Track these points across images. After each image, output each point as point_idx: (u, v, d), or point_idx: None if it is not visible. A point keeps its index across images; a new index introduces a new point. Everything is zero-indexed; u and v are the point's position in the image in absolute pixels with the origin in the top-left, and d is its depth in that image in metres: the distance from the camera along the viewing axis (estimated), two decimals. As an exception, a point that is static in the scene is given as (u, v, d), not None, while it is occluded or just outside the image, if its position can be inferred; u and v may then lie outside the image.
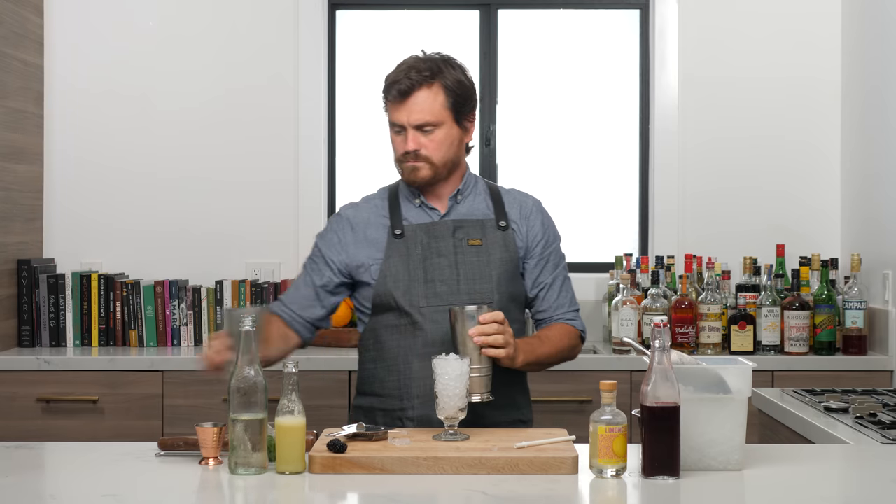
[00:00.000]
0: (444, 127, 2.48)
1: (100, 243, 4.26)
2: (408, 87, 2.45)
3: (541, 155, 4.45)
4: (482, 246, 2.51)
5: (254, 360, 2.04)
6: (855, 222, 4.10)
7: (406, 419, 2.46)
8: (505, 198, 2.60)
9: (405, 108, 2.46)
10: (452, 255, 2.49)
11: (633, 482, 1.98)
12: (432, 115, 2.46)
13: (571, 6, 4.43)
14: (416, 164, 2.48)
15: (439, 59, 2.51)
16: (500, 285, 2.49)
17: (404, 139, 2.48)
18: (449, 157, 2.51)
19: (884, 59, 3.84)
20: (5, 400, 3.69)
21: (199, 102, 4.28)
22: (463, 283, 2.47)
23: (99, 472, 2.07)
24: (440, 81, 2.47)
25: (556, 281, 2.59)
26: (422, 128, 2.46)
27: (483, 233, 2.52)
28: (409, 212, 2.56)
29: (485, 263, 2.49)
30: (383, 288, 2.49)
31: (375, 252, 2.52)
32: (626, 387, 3.58)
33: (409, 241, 2.51)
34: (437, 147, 2.48)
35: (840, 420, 2.59)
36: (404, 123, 2.47)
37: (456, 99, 2.48)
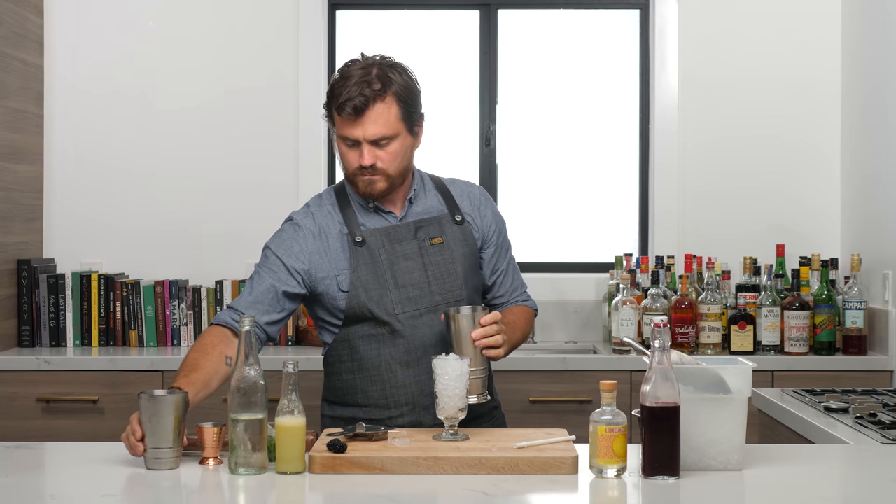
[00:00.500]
0: (398, 138, 2.42)
1: (100, 243, 4.26)
2: (362, 103, 2.36)
3: (541, 155, 4.45)
4: (444, 243, 2.50)
5: (254, 361, 2.04)
6: (855, 222, 4.10)
7: (396, 427, 2.42)
8: (453, 190, 2.59)
9: (360, 124, 2.38)
10: (418, 256, 2.48)
11: (633, 482, 1.98)
12: (388, 129, 2.39)
13: (571, 6, 4.43)
14: (373, 177, 2.42)
15: (385, 66, 2.43)
16: (467, 280, 2.50)
17: (358, 154, 2.41)
18: (404, 167, 2.46)
19: (884, 59, 3.84)
20: (5, 400, 3.69)
21: (200, 102, 4.28)
22: (433, 283, 2.46)
23: (99, 472, 2.07)
24: (392, 91, 2.40)
25: (509, 266, 2.63)
26: (377, 142, 2.40)
27: (442, 229, 2.52)
28: (365, 217, 2.51)
29: (449, 261, 2.49)
30: (356, 299, 2.43)
31: (340, 262, 2.46)
32: (626, 387, 3.58)
33: (371, 247, 2.46)
34: (393, 159, 2.42)
35: (840, 420, 2.59)
36: (359, 138, 2.39)
37: (407, 108, 2.42)
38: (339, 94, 2.39)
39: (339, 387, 2.53)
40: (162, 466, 2.04)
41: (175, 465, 2.06)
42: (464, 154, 4.40)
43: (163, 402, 2.05)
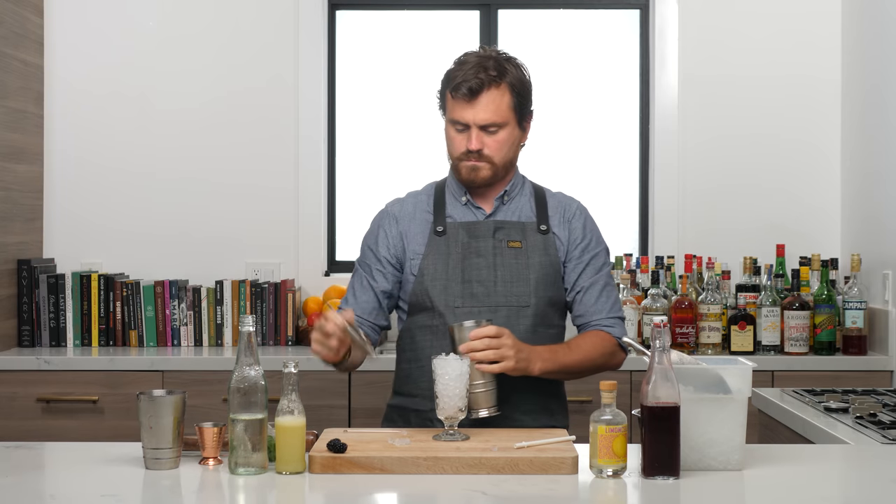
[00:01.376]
0: (507, 128, 2.47)
1: (100, 243, 4.26)
2: (477, 86, 2.43)
3: (541, 155, 4.44)
4: (521, 248, 2.48)
5: (254, 361, 2.05)
6: (855, 222, 4.10)
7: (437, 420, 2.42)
8: (549, 201, 2.57)
9: (472, 108, 2.44)
10: (491, 255, 2.47)
11: (633, 482, 1.98)
12: (499, 116, 2.45)
13: (571, 6, 4.43)
14: (478, 163, 2.46)
15: (503, 58, 2.49)
16: (538, 289, 2.47)
17: (466, 138, 2.45)
18: (509, 158, 2.51)
19: (884, 59, 3.84)
20: (5, 400, 3.69)
21: (199, 103, 4.28)
22: (500, 284, 2.45)
23: (99, 472, 2.07)
24: (507, 81, 2.46)
25: (594, 286, 2.51)
26: (486, 128, 2.44)
27: (523, 235, 2.50)
28: (455, 209, 2.54)
29: (523, 266, 2.47)
30: (420, 286, 2.47)
31: (416, 247, 2.50)
32: (626, 387, 3.58)
33: (449, 238, 2.48)
34: (500, 148, 2.47)
35: (840, 420, 2.59)
36: (470, 122, 2.44)
37: (520, 99, 2.48)
38: (456, 76, 2.47)
39: (399, 375, 2.55)
40: (162, 466, 2.04)
41: (175, 465, 2.06)
42: (464, 154, 4.39)
43: (162, 403, 2.05)
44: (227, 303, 4.05)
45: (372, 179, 4.41)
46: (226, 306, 4.05)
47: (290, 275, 4.22)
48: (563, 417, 2.56)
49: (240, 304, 4.05)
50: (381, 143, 4.42)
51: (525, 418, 2.43)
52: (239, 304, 4.05)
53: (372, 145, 4.43)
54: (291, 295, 4.05)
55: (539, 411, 2.48)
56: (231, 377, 2.04)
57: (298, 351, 3.91)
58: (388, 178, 4.37)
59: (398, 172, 4.34)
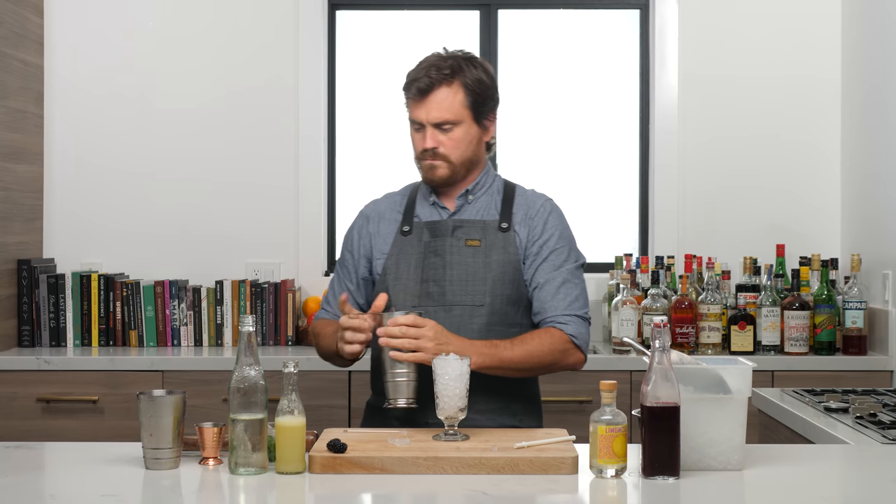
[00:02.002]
0: (462, 125, 2.47)
1: (100, 243, 4.26)
2: (427, 84, 2.45)
3: (541, 155, 4.45)
4: (480, 247, 2.48)
5: (254, 361, 2.05)
6: (855, 222, 4.10)
7: (394, 419, 2.45)
8: (516, 199, 2.56)
9: (424, 106, 2.46)
10: (448, 254, 2.48)
11: (633, 482, 1.98)
12: (451, 114, 2.46)
13: (571, 6, 4.43)
14: (434, 162, 2.48)
15: (461, 57, 2.50)
16: (495, 288, 2.45)
17: (423, 137, 2.48)
18: (467, 156, 2.51)
19: (884, 59, 3.84)
20: (5, 400, 3.69)
21: (200, 103, 4.28)
22: (454, 283, 2.45)
23: (99, 472, 2.07)
24: (460, 80, 2.46)
25: (550, 282, 2.46)
26: (440, 126, 2.46)
27: (483, 234, 2.49)
28: (422, 209, 2.56)
29: (481, 265, 2.46)
30: (382, 286, 2.51)
31: (383, 247, 2.54)
32: (626, 387, 3.58)
33: (413, 238, 2.51)
34: (456, 145, 2.48)
35: (840, 420, 2.59)
36: (423, 121, 2.47)
37: (476, 98, 2.47)
38: (409, 77, 2.50)
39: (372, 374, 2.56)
40: (162, 466, 2.04)
41: (175, 465, 2.06)
42: (464, 154, 4.39)
43: (162, 403, 2.05)
44: (227, 303, 4.05)
45: (372, 179, 4.40)
46: (226, 306, 4.05)
47: (290, 275, 4.22)
48: (530, 418, 2.52)
49: (240, 304, 4.05)
50: (381, 142, 4.42)
51: (479, 417, 2.40)
52: (239, 304, 4.05)
53: (372, 145, 4.43)
54: (291, 295, 4.05)
55: (496, 411, 2.46)
56: (231, 377, 2.04)
57: (298, 351, 3.91)
58: (387, 177, 4.35)
59: (398, 172, 4.32)
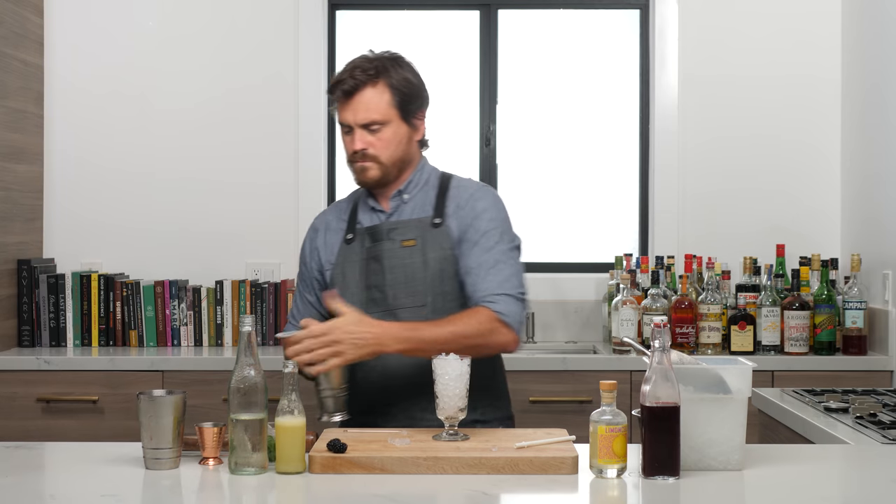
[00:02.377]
0: (391, 125, 2.46)
1: (100, 243, 4.26)
2: (352, 86, 2.43)
3: (541, 155, 4.45)
4: (417, 246, 2.46)
5: (254, 361, 2.04)
6: (855, 222, 4.10)
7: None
8: (450, 191, 2.52)
9: (351, 108, 2.44)
10: (386, 258, 2.47)
11: (633, 482, 1.98)
12: (378, 114, 2.44)
13: (571, 6, 4.43)
14: (365, 163, 2.46)
15: (386, 58, 2.49)
16: (434, 285, 2.44)
17: (352, 139, 2.46)
18: (398, 156, 2.49)
19: (884, 59, 3.84)
20: (5, 400, 3.69)
21: (199, 102, 4.28)
22: (396, 287, 2.44)
23: (99, 472, 2.07)
24: (385, 80, 2.45)
25: (483, 264, 2.41)
26: (368, 127, 2.44)
27: (419, 232, 2.47)
28: (364, 215, 2.55)
29: (419, 265, 2.45)
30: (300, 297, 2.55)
31: (331, 257, 2.55)
32: (626, 387, 3.58)
33: (356, 245, 2.50)
34: (385, 146, 2.46)
35: (840, 420, 2.59)
36: (351, 123, 2.45)
37: (402, 97, 2.46)
38: (335, 77, 2.48)
39: None
40: (162, 466, 2.04)
41: (175, 465, 2.06)
42: (464, 154, 4.40)
43: (162, 403, 2.05)
44: (227, 303, 4.05)
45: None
46: (226, 306, 4.05)
47: (289, 275, 4.22)
48: (494, 411, 2.51)
49: (240, 304, 4.05)
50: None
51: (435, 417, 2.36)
52: (239, 304, 4.05)
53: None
54: (291, 295, 4.05)
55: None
56: (231, 377, 2.04)
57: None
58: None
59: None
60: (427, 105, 2.55)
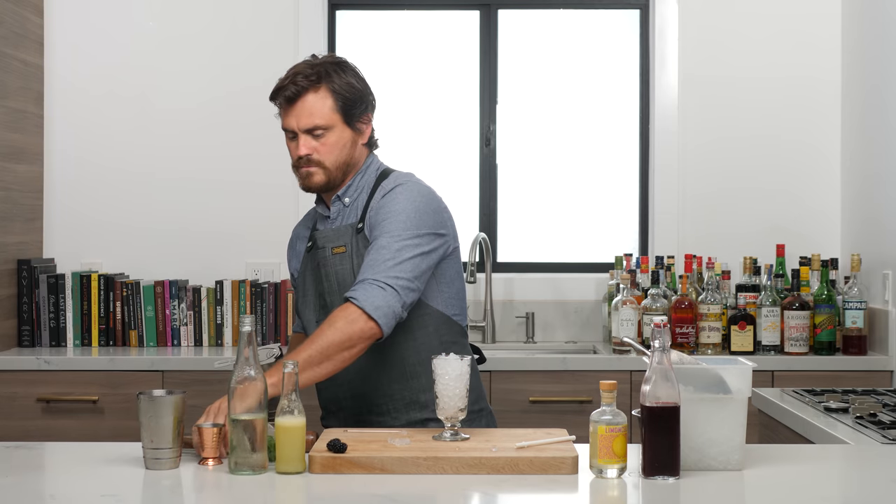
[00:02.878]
0: (334, 130, 2.45)
1: (100, 243, 4.26)
2: (294, 92, 2.43)
3: (541, 155, 4.45)
4: (346, 253, 2.46)
5: (254, 361, 2.04)
6: (855, 222, 4.10)
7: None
8: (377, 192, 2.49)
9: (294, 114, 2.44)
10: (324, 266, 2.48)
11: (633, 482, 1.98)
12: (321, 119, 2.43)
13: (571, 6, 4.43)
14: (310, 168, 2.45)
15: (328, 63, 2.47)
16: None
17: (297, 145, 2.46)
18: (342, 160, 2.47)
19: (884, 59, 3.84)
20: (5, 400, 3.69)
21: (199, 102, 4.28)
22: (334, 294, 2.45)
23: (99, 472, 2.07)
24: (327, 85, 2.43)
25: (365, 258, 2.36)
26: (312, 132, 2.44)
27: (348, 238, 2.47)
28: (321, 221, 2.57)
29: (348, 272, 2.45)
30: (296, 303, 2.59)
31: (298, 265, 2.61)
32: (626, 387, 3.58)
33: (315, 253, 2.52)
34: (329, 150, 2.45)
35: (840, 420, 2.59)
36: (294, 128, 2.45)
37: (345, 102, 2.45)
38: (277, 84, 2.48)
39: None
40: (162, 466, 2.04)
41: (175, 465, 2.06)
42: (464, 154, 4.40)
43: (162, 403, 2.05)
44: (227, 303, 4.05)
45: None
46: (226, 306, 4.05)
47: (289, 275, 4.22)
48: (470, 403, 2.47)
49: (240, 304, 4.05)
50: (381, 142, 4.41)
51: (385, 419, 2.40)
52: (239, 304, 4.05)
53: (372, 145, 4.42)
54: (291, 295, 4.05)
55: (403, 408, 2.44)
56: (231, 377, 2.04)
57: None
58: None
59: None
60: (373, 109, 2.53)
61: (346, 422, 2.47)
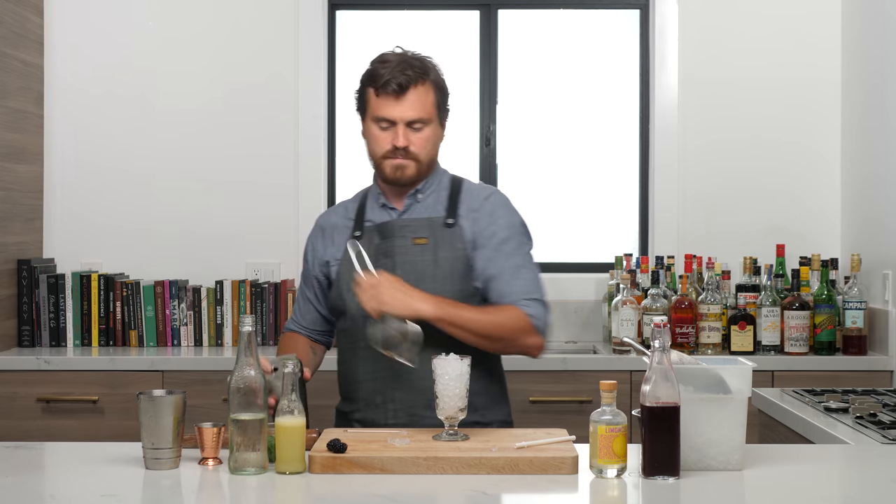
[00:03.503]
0: (431, 125, 2.47)
1: (100, 243, 4.26)
2: (406, 81, 2.42)
3: (541, 155, 4.45)
4: (428, 245, 2.46)
5: (254, 361, 2.05)
6: (855, 222, 4.10)
7: (354, 421, 2.48)
8: (462, 194, 2.54)
9: (399, 104, 2.43)
10: (397, 255, 2.46)
11: (633, 482, 1.98)
12: (425, 112, 2.45)
13: (571, 6, 4.43)
14: (405, 161, 2.46)
15: (424, 58, 2.50)
16: (446, 284, 2.43)
17: (392, 135, 2.45)
18: (433, 156, 2.51)
19: (884, 59, 3.84)
20: (5, 400, 3.69)
21: (199, 103, 4.28)
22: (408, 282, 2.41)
23: (99, 472, 2.07)
24: (432, 79, 2.47)
25: (505, 270, 2.45)
26: (412, 124, 2.45)
27: (431, 231, 2.47)
28: (373, 212, 2.56)
29: (430, 263, 2.45)
30: (336, 291, 2.52)
31: (337, 253, 2.54)
32: (626, 387, 3.58)
33: (364, 242, 2.48)
34: (424, 145, 2.47)
35: (840, 420, 2.59)
36: (397, 119, 2.44)
37: (442, 98, 2.48)
38: (381, 74, 2.45)
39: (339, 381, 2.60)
40: (162, 466, 2.04)
41: (175, 465, 2.06)
42: (464, 154, 4.40)
43: (162, 403, 2.05)
44: (227, 303, 4.05)
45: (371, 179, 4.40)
46: (226, 306, 4.05)
47: (289, 275, 4.22)
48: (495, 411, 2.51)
49: (240, 304, 4.05)
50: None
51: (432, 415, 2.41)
52: (239, 304, 4.05)
53: (372, 145, 4.43)
54: (291, 295, 4.05)
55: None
56: (231, 377, 2.04)
57: (298, 351, 3.90)
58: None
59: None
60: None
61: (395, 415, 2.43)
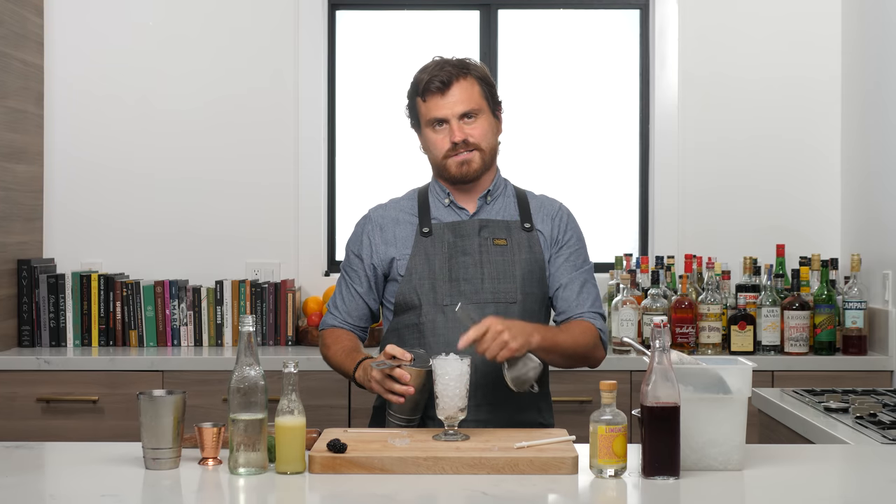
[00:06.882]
0: (484, 115, 2.52)
1: (100, 243, 4.26)
2: (447, 77, 2.49)
3: (541, 155, 4.45)
4: (507, 246, 2.52)
5: (254, 361, 2.05)
6: (855, 222, 4.10)
7: (427, 418, 2.42)
8: (531, 202, 2.62)
9: (446, 101, 2.49)
10: (478, 253, 2.50)
11: (633, 482, 1.98)
12: (474, 103, 2.50)
13: (571, 6, 4.43)
14: (468, 154, 2.50)
15: (462, 58, 2.56)
16: (524, 285, 2.49)
17: (448, 132, 2.50)
18: (493, 146, 2.56)
19: (884, 59, 3.84)
20: (5, 400, 3.69)
21: (199, 103, 4.28)
22: (487, 281, 2.48)
23: (99, 472, 2.07)
24: (473, 73, 2.52)
25: (573, 282, 2.54)
26: (465, 117, 2.50)
27: (508, 233, 2.54)
28: (439, 211, 2.58)
29: (509, 263, 2.50)
30: (408, 285, 2.50)
31: (403, 249, 2.54)
32: (626, 387, 3.58)
33: (436, 239, 2.52)
34: (483, 134, 2.52)
35: (840, 420, 2.59)
36: (447, 116, 2.49)
37: (488, 87, 2.54)
38: (422, 79, 2.53)
39: None
40: (162, 466, 2.04)
41: (175, 465, 2.06)
42: (464, 154, 4.39)
43: (162, 403, 2.05)
44: (227, 303, 4.05)
45: (372, 180, 4.41)
46: (226, 306, 4.05)
47: (290, 275, 4.22)
48: (549, 414, 2.60)
49: (240, 304, 4.05)
50: (381, 143, 4.42)
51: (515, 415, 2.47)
52: (239, 304, 4.05)
53: (372, 145, 4.43)
54: (291, 295, 4.05)
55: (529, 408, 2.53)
56: (231, 377, 2.04)
57: (298, 351, 3.91)
58: (387, 178, 4.37)
59: (398, 172, 4.34)
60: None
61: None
